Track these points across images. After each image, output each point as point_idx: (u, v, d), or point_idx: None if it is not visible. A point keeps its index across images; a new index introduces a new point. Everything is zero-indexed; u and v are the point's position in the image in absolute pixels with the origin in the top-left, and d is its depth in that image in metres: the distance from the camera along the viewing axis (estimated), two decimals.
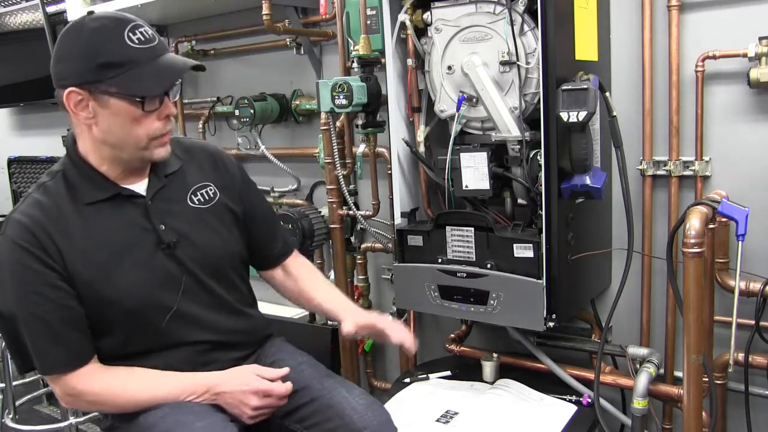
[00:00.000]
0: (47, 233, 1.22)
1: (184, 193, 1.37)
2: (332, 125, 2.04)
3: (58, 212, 1.24)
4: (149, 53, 1.19)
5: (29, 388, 3.02)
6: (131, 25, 1.18)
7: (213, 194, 1.40)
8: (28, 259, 1.21)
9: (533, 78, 1.53)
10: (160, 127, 1.24)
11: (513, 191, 1.67)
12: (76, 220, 1.25)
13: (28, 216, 1.23)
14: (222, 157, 1.48)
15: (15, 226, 1.23)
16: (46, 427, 2.66)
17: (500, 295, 1.59)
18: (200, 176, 1.41)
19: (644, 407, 1.57)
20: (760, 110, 1.57)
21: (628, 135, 1.62)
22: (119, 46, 1.17)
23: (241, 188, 1.47)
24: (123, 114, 1.20)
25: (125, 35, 1.17)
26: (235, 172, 1.47)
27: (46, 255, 1.21)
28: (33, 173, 3.38)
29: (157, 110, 1.23)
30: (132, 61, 1.17)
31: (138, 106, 1.20)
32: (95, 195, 1.27)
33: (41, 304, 1.21)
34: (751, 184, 1.59)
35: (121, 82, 1.18)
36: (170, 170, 1.36)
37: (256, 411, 1.29)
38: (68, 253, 1.23)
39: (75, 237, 1.24)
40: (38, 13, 3.10)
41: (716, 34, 1.57)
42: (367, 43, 1.89)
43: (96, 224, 1.26)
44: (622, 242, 1.66)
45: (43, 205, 1.25)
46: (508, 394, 1.68)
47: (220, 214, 1.41)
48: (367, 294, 2.27)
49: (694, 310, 1.33)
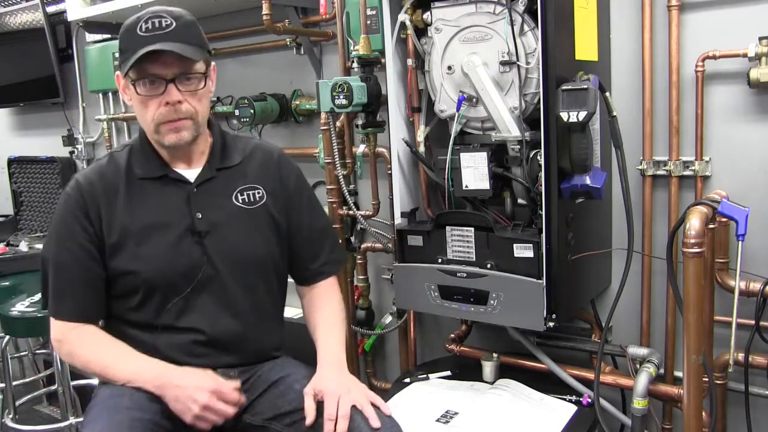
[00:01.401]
0: (95, 199, 1.36)
1: (231, 190, 1.43)
2: (332, 125, 2.03)
3: (113, 180, 1.39)
4: (149, 40, 1.27)
5: (29, 388, 3.02)
6: (150, 15, 1.28)
7: (259, 197, 1.45)
8: (70, 216, 1.37)
9: (533, 78, 1.53)
10: (163, 112, 1.31)
11: (513, 191, 1.67)
12: (124, 190, 1.38)
13: (86, 179, 1.39)
14: (284, 163, 1.52)
15: (74, 185, 1.40)
16: (46, 427, 2.67)
17: (500, 295, 1.59)
18: (253, 177, 1.46)
19: (644, 407, 1.57)
20: (760, 110, 1.57)
21: (628, 135, 1.62)
22: (132, 34, 1.28)
23: (291, 199, 1.49)
24: (133, 97, 1.33)
25: (140, 24, 1.28)
26: (291, 182, 1.50)
27: (86, 219, 1.36)
28: (33, 173, 3.38)
29: (159, 96, 1.30)
30: (133, 47, 1.27)
31: (134, 89, 1.31)
32: (147, 172, 1.40)
33: (68, 257, 1.36)
34: (751, 184, 1.59)
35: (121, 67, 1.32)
36: (226, 164, 1.44)
37: (204, 411, 1.27)
38: (107, 220, 1.36)
39: (118, 205, 1.37)
40: (38, 13, 3.10)
41: (716, 34, 1.57)
42: (367, 43, 1.89)
43: (140, 197, 1.38)
44: (622, 242, 1.66)
45: (103, 172, 1.40)
46: (508, 394, 1.68)
47: (261, 218, 1.44)
48: (367, 294, 2.27)
49: (694, 310, 1.33)
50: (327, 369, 1.38)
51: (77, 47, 3.12)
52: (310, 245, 1.53)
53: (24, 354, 3.19)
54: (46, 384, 3.07)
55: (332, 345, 1.45)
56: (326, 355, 1.42)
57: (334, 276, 1.58)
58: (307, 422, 1.29)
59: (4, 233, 3.30)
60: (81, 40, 3.09)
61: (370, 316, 2.27)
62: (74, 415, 2.49)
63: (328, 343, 1.45)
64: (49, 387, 2.93)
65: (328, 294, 1.56)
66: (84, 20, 2.52)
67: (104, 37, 2.94)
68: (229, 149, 1.47)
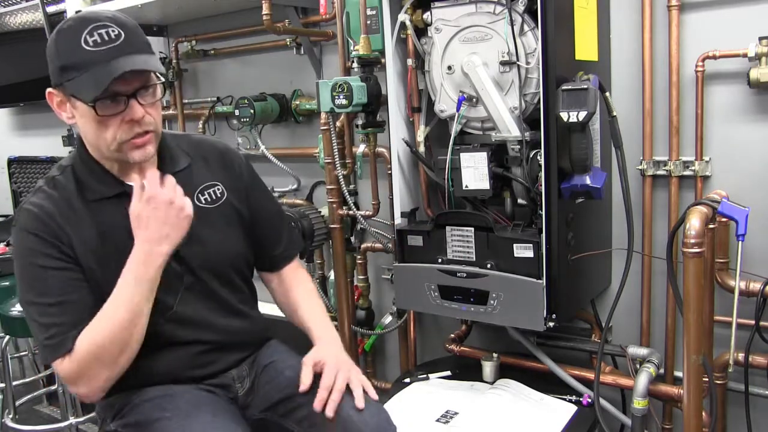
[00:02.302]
0: (57, 223, 1.24)
1: (191, 192, 1.35)
2: (332, 125, 2.03)
3: (67, 205, 1.26)
4: (101, 56, 1.16)
5: (29, 388, 3.02)
6: (92, 27, 1.16)
7: (220, 194, 1.40)
8: (40, 245, 1.22)
9: (533, 78, 1.53)
10: (125, 130, 1.21)
11: (513, 191, 1.67)
12: (84, 214, 1.27)
13: (38, 206, 1.25)
14: (231, 155, 1.47)
15: (26, 215, 1.25)
16: (46, 427, 2.67)
17: (500, 295, 1.59)
18: (208, 175, 1.40)
19: (644, 407, 1.57)
20: (760, 110, 1.57)
21: (628, 135, 1.62)
22: (74, 49, 1.16)
23: (248, 188, 1.46)
24: (87, 116, 1.21)
25: (82, 37, 1.15)
26: (243, 172, 1.46)
27: (58, 240, 1.23)
28: (33, 173, 3.38)
29: (121, 113, 1.19)
30: (85, 64, 1.16)
31: (92, 110, 1.18)
32: (101, 192, 1.29)
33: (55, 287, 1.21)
34: (751, 184, 1.59)
35: (74, 86, 1.17)
36: (177, 168, 1.36)
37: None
38: (77, 244, 1.24)
39: (83, 229, 1.25)
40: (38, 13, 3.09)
41: (716, 34, 1.57)
42: (367, 43, 1.89)
43: (102, 219, 1.27)
44: (622, 242, 1.66)
45: (53, 197, 1.27)
46: (508, 394, 1.68)
47: (227, 215, 1.40)
48: (367, 294, 2.27)
49: (694, 310, 1.33)
50: (328, 344, 1.38)
51: None
52: (271, 232, 1.51)
53: (24, 354, 3.19)
54: (46, 384, 3.07)
55: (324, 322, 1.45)
56: (323, 333, 1.42)
57: (296, 258, 1.58)
58: (300, 389, 1.29)
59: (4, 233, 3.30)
60: None
61: (370, 316, 2.27)
62: (74, 415, 2.49)
63: (317, 320, 1.45)
64: (49, 387, 2.93)
65: (297, 274, 1.55)
66: None
67: None
68: (173, 150, 1.38)
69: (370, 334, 2.27)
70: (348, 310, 2.20)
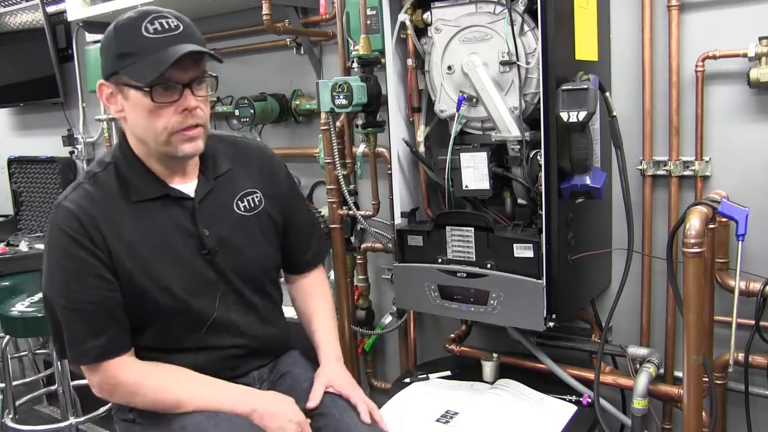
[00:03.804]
0: (95, 224, 1.22)
1: (231, 198, 1.37)
2: (332, 125, 2.03)
3: (107, 204, 1.25)
4: (161, 42, 1.17)
5: (29, 388, 3.02)
6: (152, 17, 1.18)
7: (258, 202, 1.41)
8: (75, 247, 1.21)
9: (533, 78, 1.53)
10: (179, 120, 1.20)
11: (513, 191, 1.67)
12: (125, 214, 1.26)
13: (77, 205, 1.23)
14: (273, 162, 1.49)
15: (64, 214, 1.23)
16: (46, 427, 2.67)
17: (500, 295, 1.59)
18: (249, 181, 1.41)
19: (644, 407, 1.57)
20: (760, 110, 1.57)
21: (628, 135, 1.62)
22: (136, 36, 1.17)
23: (285, 198, 1.48)
24: (139, 106, 1.20)
25: (143, 26, 1.17)
26: (282, 180, 1.48)
27: (93, 245, 1.22)
28: (33, 173, 3.38)
29: (175, 102, 1.19)
30: (144, 50, 1.17)
31: (147, 97, 1.18)
32: (145, 193, 1.28)
33: (83, 294, 1.22)
34: (751, 184, 1.59)
35: (131, 71, 1.18)
36: (220, 171, 1.37)
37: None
38: (114, 245, 1.23)
39: (122, 230, 1.24)
40: (38, 13, 3.10)
41: (716, 34, 1.57)
42: (367, 43, 1.89)
43: (143, 221, 1.27)
44: (622, 242, 1.66)
45: (93, 196, 1.25)
46: (508, 394, 1.68)
47: (263, 223, 1.41)
48: (367, 294, 2.27)
49: (694, 310, 1.32)
50: (335, 364, 1.44)
51: (77, 47, 3.13)
52: (302, 239, 1.53)
53: (24, 354, 3.19)
54: (46, 384, 3.07)
55: (333, 341, 1.50)
56: (332, 351, 1.47)
57: (322, 265, 1.61)
58: (310, 405, 1.33)
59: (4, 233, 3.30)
60: (81, 40, 3.09)
61: (370, 316, 2.27)
62: (74, 415, 2.49)
63: (328, 338, 1.49)
64: (49, 387, 2.93)
65: (319, 284, 1.58)
66: (84, 20, 2.52)
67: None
68: (216, 153, 1.38)
69: (370, 334, 2.27)
70: (348, 310, 2.20)
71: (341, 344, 2.16)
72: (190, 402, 1.25)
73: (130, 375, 1.26)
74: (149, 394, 1.26)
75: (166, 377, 1.27)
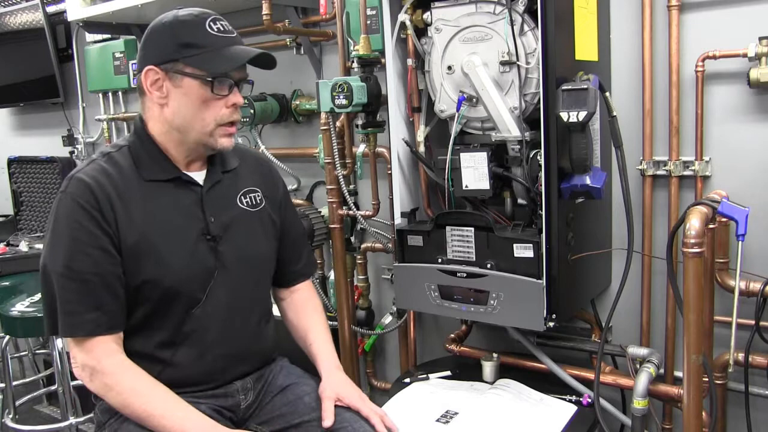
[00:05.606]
0: (108, 198, 1.25)
1: (235, 193, 1.42)
2: (332, 125, 2.03)
3: (121, 181, 1.29)
4: (227, 41, 1.28)
5: (29, 388, 3.02)
6: (213, 17, 1.28)
7: (260, 200, 1.46)
8: (86, 219, 1.24)
9: (533, 78, 1.53)
10: (227, 113, 1.30)
11: (513, 191, 1.67)
12: (136, 192, 1.29)
13: (92, 178, 1.26)
14: (271, 168, 1.56)
15: (78, 185, 1.26)
16: (46, 427, 2.67)
17: (500, 295, 1.59)
18: (251, 181, 1.46)
19: (644, 407, 1.57)
20: (760, 110, 1.57)
21: (628, 135, 1.62)
22: (201, 31, 1.26)
23: (282, 202, 1.52)
24: (193, 94, 1.26)
25: (207, 24, 1.26)
26: (279, 186, 1.54)
27: (103, 219, 1.24)
28: (33, 173, 3.38)
29: (226, 97, 1.29)
30: (211, 44, 1.26)
31: (208, 87, 1.26)
32: (157, 174, 1.33)
33: (87, 265, 1.23)
34: (751, 184, 1.59)
35: (196, 61, 1.25)
36: (228, 167, 1.43)
37: None
38: (123, 222, 1.26)
39: (132, 208, 1.28)
40: (38, 13, 3.10)
41: (716, 34, 1.57)
42: (367, 43, 1.89)
43: (153, 201, 1.31)
44: (622, 242, 1.66)
45: (107, 171, 1.29)
46: (508, 394, 1.68)
47: (264, 221, 1.45)
48: (367, 294, 2.27)
49: (694, 310, 1.32)
50: (337, 374, 1.45)
51: (77, 47, 3.13)
52: (294, 248, 1.56)
53: (24, 354, 3.19)
54: (46, 384, 3.07)
55: (332, 350, 1.51)
56: (332, 361, 1.48)
57: (311, 278, 1.63)
58: (327, 424, 1.33)
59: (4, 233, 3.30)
60: (81, 40, 3.09)
61: (370, 316, 2.27)
62: (74, 415, 2.49)
63: (327, 349, 1.50)
64: (49, 387, 2.93)
65: (311, 298, 1.60)
66: (84, 20, 2.51)
67: (104, 37, 2.93)
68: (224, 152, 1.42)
69: (370, 334, 2.27)
70: (348, 310, 2.20)
71: (341, 345, 2.19)
72: (159, 419, 1.23)
73: (112, 363, 1.25)
74: (124, 392, 1.24)
75: (145, 384, 1.26)
